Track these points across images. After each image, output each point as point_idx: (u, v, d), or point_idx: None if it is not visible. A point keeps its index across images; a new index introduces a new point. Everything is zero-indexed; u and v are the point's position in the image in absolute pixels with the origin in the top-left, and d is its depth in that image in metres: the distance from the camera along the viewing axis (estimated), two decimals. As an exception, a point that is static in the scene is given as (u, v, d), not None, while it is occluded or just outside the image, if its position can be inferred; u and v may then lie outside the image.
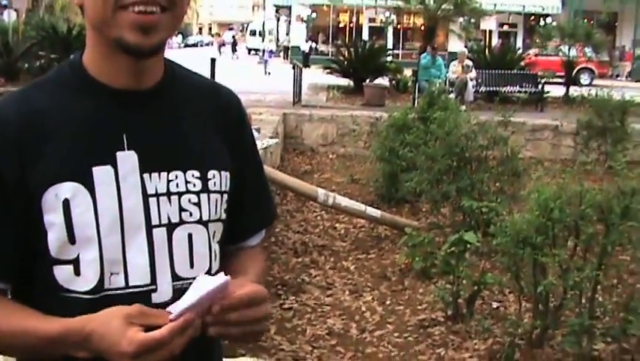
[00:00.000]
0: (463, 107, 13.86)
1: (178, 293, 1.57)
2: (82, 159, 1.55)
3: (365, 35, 40.91)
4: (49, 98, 1.60)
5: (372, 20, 44.47)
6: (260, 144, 9.89)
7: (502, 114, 9.14)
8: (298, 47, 43.22)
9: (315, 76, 25.40)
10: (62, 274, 1.55)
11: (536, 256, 5.29)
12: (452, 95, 15.72)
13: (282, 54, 50.49)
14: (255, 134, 8.05)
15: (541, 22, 35.95)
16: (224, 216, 1.71)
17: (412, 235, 7.13)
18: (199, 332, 1.47)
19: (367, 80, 21.36)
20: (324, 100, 19.52)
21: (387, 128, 10.36)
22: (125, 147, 1.57)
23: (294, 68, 18.71)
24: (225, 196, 1.71)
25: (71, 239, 1.53)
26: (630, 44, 42.94)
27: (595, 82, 31.65)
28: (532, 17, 43.73)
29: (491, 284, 6.14)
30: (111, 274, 1.56)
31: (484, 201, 7.41)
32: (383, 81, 22.37)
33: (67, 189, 1.52)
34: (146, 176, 1.59)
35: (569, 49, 25.70)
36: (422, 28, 33.01)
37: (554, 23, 31.64)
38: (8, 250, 1.56)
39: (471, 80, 19.56)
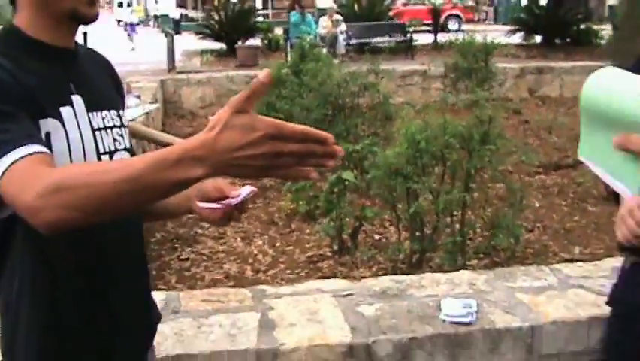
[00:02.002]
0: (336, 61, 14.29)
1: None
2: (52, 101, 1.89)
3: (234, -2, 40.95)
4: (15, 60, 1.89)
5: (240, -19, 44.47)
6: (141, 110, 10.12)
7: (371, 63, 9.62)
8: (167, 15, 42.97)
9: (188, 42, 25.43)
10: None
11: (408, 185, 5.79)
12: (324, 50, 16.11)
13: (151, 23, 50.06)
14: (136, 100, 8.49)
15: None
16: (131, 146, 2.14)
17: (295, 180, 7.52)
18: None
19: (239, 42, 21.56)
20: (199, 65, 19.63)
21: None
22: (74, 91, 1.95)
23: (165, 36, 18.83)
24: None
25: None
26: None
27: (463, 27, 32.54)
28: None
29: (371, 218, 6.59)
30: None
31: (359, 143, 7.86)
32: (255, 42, 22.54)
33: (49, 124, 1.85)
34: (90, 114, 1.97)
35: (435, -4, 26.42)
36: (290, -14, 33.16)
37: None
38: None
39: (341, 33, 20.01)
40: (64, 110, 1.90)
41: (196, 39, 24.53)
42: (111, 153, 2.01)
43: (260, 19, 26.21)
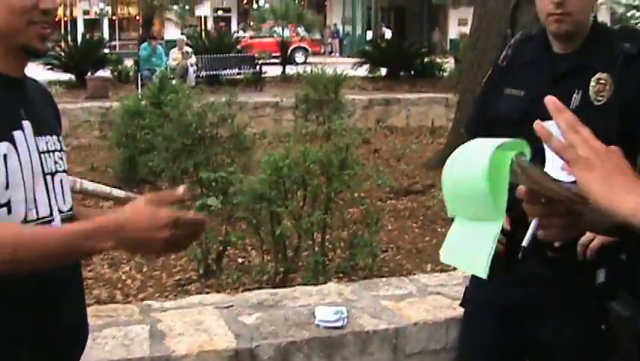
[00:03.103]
0: (187, 92, 14.51)
1: (63, 222, 2.18)
2: (6, 126, 2.09)
3: (80, 28, 40.48)
4: None
5: (86, 13, 43.84)
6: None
7: (227, 95, 9.95)
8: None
9: (35, 73, 25.03)
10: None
11: (272, 209, 6.15)
12: (174, 82, 16.31)
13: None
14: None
15: (254, 6, 37.19)
16: None
17: (159, 208, 7.74)
18: None
19: (89, 73, 21.50)
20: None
21: (121, 115, 10.84)
22: (25, 117, 2.15)
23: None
24: None
25: (7, 185, 2.04)
26: (340, 22, 45.09)
27: (309, 59, 33.18)
28: (245, 1, 44.84)
29: (235, 241, 6.89)
30: (29, 209, 2.10)
31: (220, 172, 8.16)
32: (105, 73, 22.51)
33: (4, 147, 2.04)
34: (37, 138, 2.17)
35: (283, 30, 26.94)
36: (137, 17, 33.12)
37: (267, 5, 32.76)
38: None
39: (191, 65, 20.30)
40: (17, 135, 2.10)
41: (44, 69, 24.22)
42: (53, 174, 2.20)
43: (107, 50, 26.06)
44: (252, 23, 32.32)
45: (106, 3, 38.96)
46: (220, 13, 47.88)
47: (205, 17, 44.96)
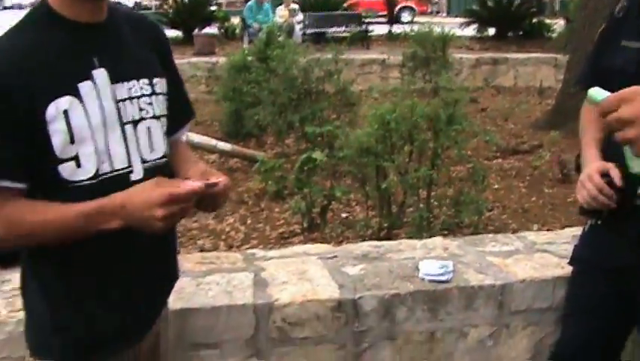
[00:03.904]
0: (293, 48, 14.50)
1: (147, 172, 2.19)
2: (70, 78, 2.06)
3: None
4: (32, 37, 2.07)
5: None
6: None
7: (333, 52, 9.89)
8: (120, 3, 42.68)
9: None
10: (66, 170, 2.05)
11: (378, 163, 6.08)
12: (281, 39, 16.29)
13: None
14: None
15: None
16: (166, 112, 2.33)
17: (264, 161, 7.77)
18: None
19: (196, 30, 21.66)
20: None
21: (228, 70, 10.89)
22: (97, 66, 2.11)
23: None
24: (165, 97, 2.32)
25: (72, 140, 2.03)
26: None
27: (416, 19, 32.89)
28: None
29: (339, 196, 6.85)
30: (102, 162, 2.09)
31: (325, 126, 8.14)
32: (212, 30, 22.63)
33: (65, 102, 2.02)
34: (114, 86, 2.13)
35: (391, -12, 26.67)
36: (245, -25, 33.10)
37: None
38: (23, 157, 2.02)
39: (298, 22, 20.20)
40: (83, 86, 2.07)
41: (152, 26, 24.47)
42: (136, 122, 2.18)
43: (215, 7, 26.21)
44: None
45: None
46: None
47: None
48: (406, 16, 34.18)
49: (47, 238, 2.07)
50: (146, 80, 2.24)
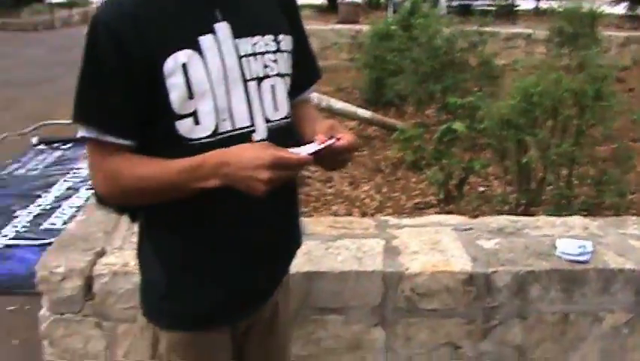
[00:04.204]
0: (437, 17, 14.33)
1: (270, 133, 2.11)
2: (190, 31, 2.00)
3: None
4: None
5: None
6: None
7: (479, 23, 9.71)
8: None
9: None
10: (184, 126, 2.00)
11: (520, 137, 5.92)
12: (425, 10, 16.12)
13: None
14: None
15: None
16: (291, 71, 2.25)
17: (403, 129, 7.69)
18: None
19: (341, -2, 21.68)
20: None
21: (371, 38, 10.82)
22: (220, 19, 2.05)
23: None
24: (290, 55, 2.25)
25: (190, 95, 1.97)
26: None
27: (563, -5, 31.97)
28: None
29: (478, 169, 6.70)
30: (222, 120, 2.03)
31: (467, 98, 7.98)
32: (356, -1, 22.67)
33: (184, 55, 1.97)
34: (237, 41, 2.07)
35: (539, -38, 25.98)
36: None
37: None
38: (135, 112, 1.99)
39: (443, -6, 20.00)
40: (204, 39, 2.00)
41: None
42: (260, 79, 2.11)
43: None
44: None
45: None
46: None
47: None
48: (555, -8, 33.31)
49: (150, 194, 2.04)
50: (270, 37, 2.17)
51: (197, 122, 2.00)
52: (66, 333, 3.65)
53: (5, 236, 6.79)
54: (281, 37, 2.20)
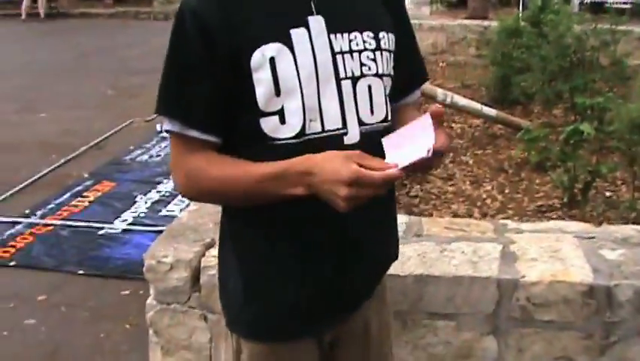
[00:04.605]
0: (569, 14, 13.97)
1: (364, 137, 1.94)
2: (281, 23, 1.88)
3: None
4: None
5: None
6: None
7: (613, 21, 9.37)
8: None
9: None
10: (269, 124, 1.88)
11: (651, 141, 5.67)
12: (557, 6, 15.74)
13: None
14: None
15: None
16: (392, 72, 2.08)
17: (528, 129, 7.47)
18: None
19: (471, -7, 21.39)
20: (428, 14, 19.61)
21: (498, 34, 10.59)
22: (314, 12, 1.91)
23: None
24: (392, 55, 2.07)
25: (277, 91, 1.85)
26: None
27: None
28: None
29: (605, 173, 6.44)
30: (310, 120, 1.89)
31: (596, 98, 7.71)
32: (487, -5, 22.32)
33: (273, 49, 1.84)
34: (332, 36, 1.92)
35: (680, -42, 25.13)
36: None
37: None
38: (220, 106, 1.89)
39: (577, -10, 19.50)
40: (296, 33, 1.88)
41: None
42: (355, 79, 1.96)
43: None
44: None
45: None
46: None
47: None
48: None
49: (231, 197, 1.96)
50: (370, 33, 2.00)
51: (282, 121, 1.88)
52: (171, 323, 3.64)
53: (124, 221, 6.93)
54: (382, 34, 2.04)
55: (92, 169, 8.50)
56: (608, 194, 6.84)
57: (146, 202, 7.41)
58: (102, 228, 6.78)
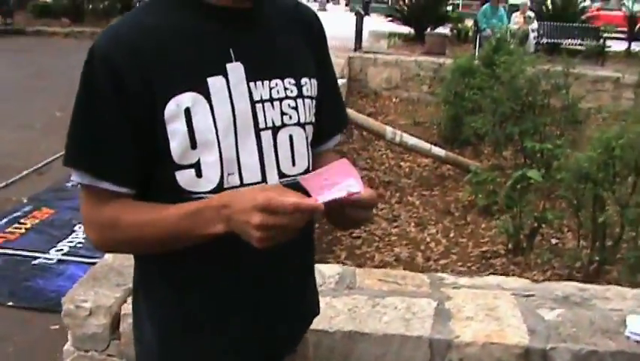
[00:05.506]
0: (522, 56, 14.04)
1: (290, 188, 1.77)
2: (197, 71, 1.74)
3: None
4: (160, 18, 1.77)
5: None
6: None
7: (565, 64, 9.37)
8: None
9: (375, 23, 25.56)
10: (185, 177, 1.74)
11: (597, 192, 5.59)
12: (512, 46, 15.83)
13: (342, 1, 50.45)
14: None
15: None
16: (314, 119, 1.95)
17: (477, 172, 7.40)
18: (318, 218, 1.74)
19: (428, 29, 21.52)
20: (385, 47, 19.66)
21: (452, 72, 10.58)
22: (233, 59, 1.78)
23: (355, 15, 18.94)
24: (314, 101, 1.94)
25: (193, 144, 1.72)
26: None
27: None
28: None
29: (551, 220, 6.37)
30: (228, 174, 1.76)
31: (546, 143, 7.67)
32: (444, 30, 22.46)
33: (188, 99, 1.71)
34: (251, 84, 1.79)
35: (633, 3, 25.53)
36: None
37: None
38: (134, 158, 1.74)
39: (532, 31, 19.63)
40: (213, 81, 1.75)
41: (384, 21, 24.62)
42: (276, 129, 1.84)
43: (450, 8, 26.08)
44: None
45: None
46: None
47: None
48: (647, 34, 32.70)
49: (149, 244, 1.78)
50: (292, 80, 1.88)
51: (199, 175, 1.75)
52: (89, 371, 3.46)
53: (60, 251, 6.71)
54: (304, 80, 1.91)
55: (31, 194, 8.27)
56: (554, 241, 6.79)
57: (84, 232, 7.20)
58: (37, 257, 6.56)
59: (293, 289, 2.00)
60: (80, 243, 6.95)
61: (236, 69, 1.78)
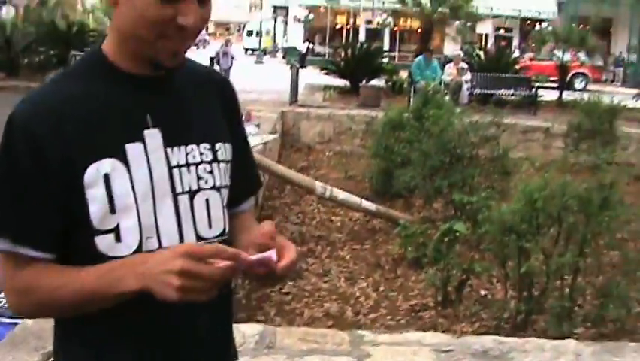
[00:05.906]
0: (458, 110, 14.18)
1: None
2: (116, 138, 1.75)
3: (362, 37, 41.02)
4: (80, 86, 1.79)
5: (369, 22, 44.34)
6: (260, 139, 10.16)
7: (494, 115, 9.50)
8: (295, 48, 43.48)
9: (312, 76, 25.69)
10: (104, 242, 1.74)
11: (521, 243, 5.65)
12: (447, 98, 16.02)
13: (278, 54, 50.70)
14: (255, 129, 8.60)
15: (537, 27, 36.33)
16: (229, 182, 1.97)
17: (406, 225, 7.45)
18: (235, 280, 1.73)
19: (363, 81, 21.65)
20: (321, 100, 19.70)
21: (382, 126, 10.65)
22: (150, 125, 1.80)
23: (291, 68, 19.03)
24: (229, 165, 1.96)
25: (112, 209, 1.72)
26: (625, 50, 43.20)
27: (589, 87, 32.01)
28: (529, 22, 44.10)
29: (479, 272, 6.43)
30: (147, 238, 1.76)
31: (475, 196, 7.75)
32: (379, 82, 22.60)
33: (107, 165, 1.72)
34: (168, 150, 1.81)
35: (563, 53, 26.04)
36: (418, 30, 33.07)
37: (550, 28, 31.82)
38: (52, 223, 1.74)
39: (466, 82, 19.92)
40: (131, 147, 1.78)
41: (320, 74, 24.76)
42: (192, 193, 1.86)
43: (385, 60, 26.30)
44: (532, 44, 31.47)
45: (388, 14, 39.35)
46: (502, 32, 47.29)
47: (486, 35, 44.61)
48: (578, 83, 33.33)
49: (65, 306, 1.77)
50: (207, 145, 1.90)
51: (118, 240, 1.74)
52: None
53: (-12, 310, 6.58)
54: (219, 145, 1.93)
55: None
56: (483, 292, 6.83)
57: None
58: (-38, 318, 6.43)
59: (210, 347, 1.96)
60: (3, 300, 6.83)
61: (153, 135, 1.80)
